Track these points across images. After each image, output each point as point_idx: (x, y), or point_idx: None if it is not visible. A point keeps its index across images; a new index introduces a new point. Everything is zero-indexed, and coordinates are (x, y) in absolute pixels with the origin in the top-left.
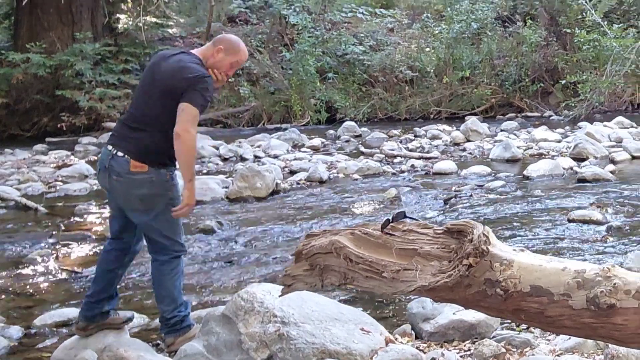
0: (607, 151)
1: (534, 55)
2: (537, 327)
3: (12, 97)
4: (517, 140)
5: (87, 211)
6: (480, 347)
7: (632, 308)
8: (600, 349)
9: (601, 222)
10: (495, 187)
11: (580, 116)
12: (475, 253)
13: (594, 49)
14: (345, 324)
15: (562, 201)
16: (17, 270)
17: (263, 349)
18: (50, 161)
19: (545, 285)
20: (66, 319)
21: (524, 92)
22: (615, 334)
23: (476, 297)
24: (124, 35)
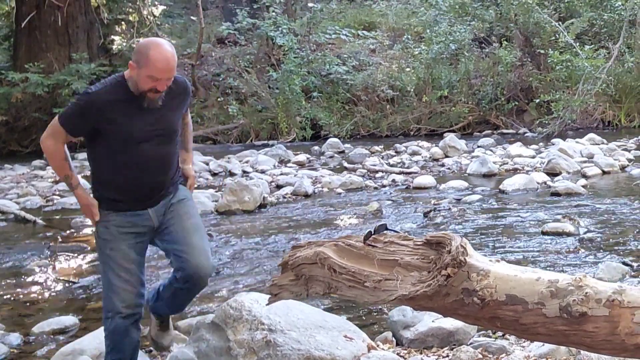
0: (579, 166)
1: (509, 75)
2: (513, 334)
3: (11, 115)
4: (493, 156)
5: (83, 224)
6: (458, 354)
7: (602, 316)
8: (572, 355)
9: (573, 234)
10: (473, 200)
11: (553, 133)
12: (453, 264)
13: (567, 69)
14: (330, 331)
15: (536, 214)
16: (16, 280)
17: (251, 355)
18: (48, 176)
19: (520, 294)
20: (63, 326)
21: (499, 110)
22: (587, 341)
23: (454, 305)
24: (118, 55)
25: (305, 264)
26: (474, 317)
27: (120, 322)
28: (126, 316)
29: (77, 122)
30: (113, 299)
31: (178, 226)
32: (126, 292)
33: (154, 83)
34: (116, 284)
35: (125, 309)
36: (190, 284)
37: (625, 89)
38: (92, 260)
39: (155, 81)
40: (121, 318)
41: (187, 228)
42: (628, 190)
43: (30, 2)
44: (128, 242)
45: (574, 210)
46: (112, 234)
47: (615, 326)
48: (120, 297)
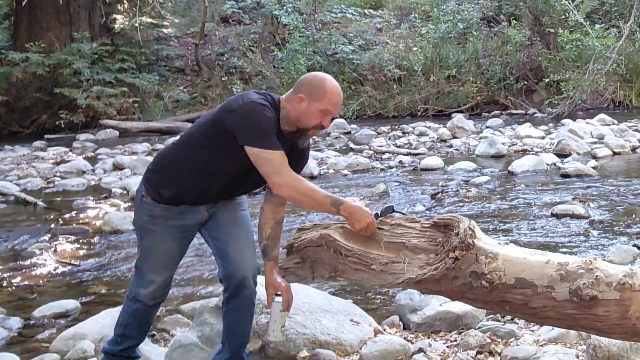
0: (589, 147)
1: (518, 54)
2: (522, 318)
3: (11, 95)
4: (502, 137)
5: (85, 206)
6: (466, 338)
7: (613, 300)
8: (582, 339)
9: (584, 216)
10: (481, 182)
11: (563, 113)
12: (461, 246)
13: (577, 48)
14: (335, 315)
15: (545, 196)
16: (17, 263)
17: (255, 339)
18: (49, 157)
19: (529, 277)
20: (64, 310)
21: (508, 90)
22: (597, 325)
23: (462, 289)
24: (121, 35)
25: (311, 247)
26: (483, 300)
27: (143, 308)
28: (151, 306)
29: (270, 130)
30: (141, 289)
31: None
32: (157, 287)
33: (323, 118)
34: (149, 277)
35: (151, 301)
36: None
37: (637, 69)
38: (93, 243)
39: (325, 116)
40: (144, 305)
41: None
42: (639, 171)
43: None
44: (173, 235)
45: (584, 192)
46: (160, 226)
47: (626, 310)
48: (150, 290)
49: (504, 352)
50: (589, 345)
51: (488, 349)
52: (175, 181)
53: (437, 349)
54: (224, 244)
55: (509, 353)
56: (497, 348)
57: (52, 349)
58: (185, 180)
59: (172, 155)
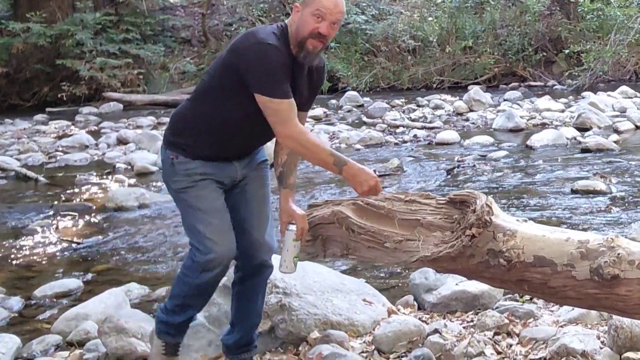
0: (610, 121)
1: (537, 24)
2: (541, 298)
3: (12, 67)
4: (520, 110)
5: (88, 181)
6: (483, 318)
7: (636, 279)
8: (604, 319)
9: (605, 192)
10: (498, 157)
11: (583, 86)
12: (478, 223)
13: (598, 18)
14: (347, 294)
15: (565, 171)
16: (17, 241)
17: (265, 319)
18: (51, 131)
19: (548, 255)
20: (66, 289)
21: (527, 62)
22: (619, 305)
23: (479, 267)
24: (125, 4)
25: (322, 224)
26: (500, 279)
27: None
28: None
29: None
30: (207, 250)
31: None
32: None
33: (318, 24)
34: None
35: (223, 259)
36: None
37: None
38: (97, 220)
39: (319, 20)
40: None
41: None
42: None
43: None
44: (214, 186)
45: (606, 167)
46: (196, 181)
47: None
48: (217, 245)
49: (522, 333)
50: (610, 326)
51: (506, 330)
52: (202, 136)
53: (453, 329)
54: (247, 222)
55: (528, 334)
56: (515, 329)
57: (53, 329)
58: (211, 132)
59: (191, 111)
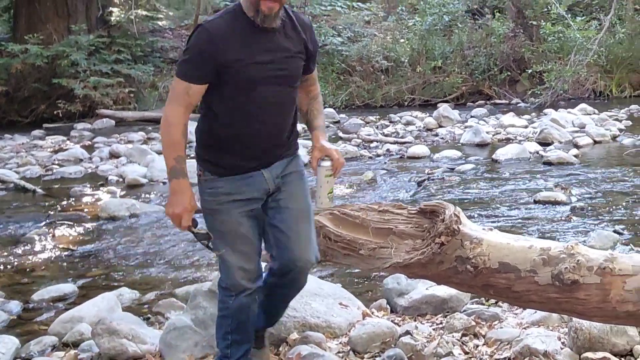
0: (570, 136)
1: (502, 46)
2: (505, 302)
3: (11, 86)
4: (486, 126)
5: (82, 193)
6: (452, 321)
7: (594, 284)
8: (564, 322)
9: (565, 202)
10: (466, 170)
11: (545, 103)
12: (447, 232)
13: (559, 40)
14: (325, 298)
15: (528, 183)
16: (16, 249)
17: None
18: (47, 146)
19: (512, 262)
20: (62, 294)
21: (492, 81)
22: (579, 308)
23: (448, 273)
24: (117, 27)
25: None
26: (468, 284)
27: (245, 299)
28: (252, 292)
29: (196, 62)
30: (235, 277)
31: (289, 204)
32: (247, 265)
33: None
34: (234, 260)
35: (250, 284)
36: (287, 277)
37: (617, 60)
38: (90, 229)
39: None
40: (246, 296)
41: (297, 210)
42: (619, 159)
43: None
44: (239, 210)
45: (566, 179)
46: (221, 203)
47: (606, 294)
48: (242, 273)
49: (488, 335)
50: (570, 328)
51: (473, 332)
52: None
53: (423, 331)
54: (284, 237)
55: (493, 335)
56: (482, 330)
57: (50, 331)
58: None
59: (203, 122)
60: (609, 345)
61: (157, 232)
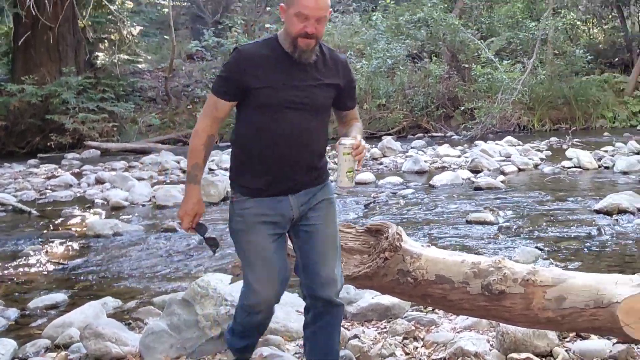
0: (498, 164)
1: (438, 86)
2: (441, 309)
3: (10, 121)
4: (425, 156)
5: (71, 214)
6: (394, 326)
7: (518, 293)
8: (492, 327)
9: (493, 222)
10: (407, 194)
11: (476, 136)
12: (390, 248)
13: (488, 81)
14: (284, 306)
15: (461, 206)
16: (14, 263)
17: (216, 327)
18: (41, 173)
19: (447, 274)
20: (54, 302)
21: (430, 116)
22: (505, 315)
23: (391, 284)
24: (102, 69)
25: None
26: (408, 294)
27: (257, 317)
28: (266, 313)
29: (226, 80)
30: (251, 296)
31: (319, 230)
32: (266, 290)
33: (303, 23)
34: (254, 282)
35: (264, 306)
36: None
37: (538, 98)
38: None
39: (304, 20)
40: (258, 314)
41: (325, 236)
42: (540, 185)
43: (26, 23)
44: (266, 232)
45: (494, 202)
46: (248, 224)
47: (529, 302)
48: (259, 294)
49: (426, 338)
50: (498, 332)
51: (413, 335)
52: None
53: (369, 335)
54: (312, 263)
55: (431, 338)
56: (420, 334)
57: (44, 335)
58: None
59: (234, 146)
60: (531, 347)
61: (137, 249)
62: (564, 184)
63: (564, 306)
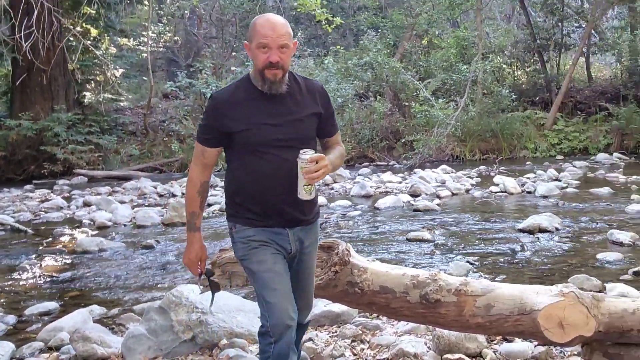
0: (434, 189)
1: (382, 121)
2: (385, 316)
3: (8, 151)
4: (370, 182)
5: (62, 233)
6: (344, 330)
7: (452, 302)
8: (429, 331)
9: (430, 240)
10: (354, 215)
11: (415, 164)
12: (340, 262)
13: (425, 117)
14: (247, 313)
15: (402, 225)
16: (12, 275)
17: (188, 331)
18: (36, 197)
19: (390, 285)
20: (47, 310)
21: (375, 148)
22: (440, 321)
23: (341, 294)
24: (89, 107)
25: (229, 263)
26: (356, 303)
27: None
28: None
29: (207, 128)
30: (276, 315)
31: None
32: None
33: (266, 54)
34: (274, 299)
35: (291, 321)
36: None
37: (469, 132)
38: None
39: (266, 51)
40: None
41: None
42: (471, 207)
43: (23, 67)
44: (272, 251)
45: (431, 222)
46: (254, 247)
47: (461, 310)
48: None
49: (371, 340)
50: (434, 336)
51: (360, 338)
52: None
53: (322, 338)
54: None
55: (375, 341)
56: (367, 337)
57: (38, 338)
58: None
59: (226, 179)
60: (463, 348)
61: (120, 263)
62: (492, 207)
63: (492, 313)
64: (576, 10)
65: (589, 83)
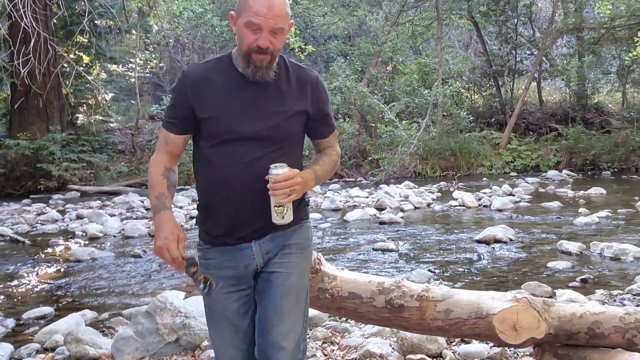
0: (398, 203)
1: (350, 140)
2: (353, 320)
3: (7, 168)
4: (339, 197)
5: (57, 243)
6: (315, 332)
7: (414, 307)
8: (394, 333)
9: (395, 250)
10: (325, 227)
11: (381, 181)
12: (312, 271)
13: (390, 137)
14: None
15: (368, 236)
16: (11, 282)
17: (172, 333)
18: (33, 210)
19: (358, 292)
20: (43, 314)
21: (344, 165)
22: (404, 324)
23: (312, 300)
24: (82, 128)
25: None
26: (327, 307)
27: None
28: None
29: (174, 109)
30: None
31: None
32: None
33: (255, 35)
34: (218, 343)
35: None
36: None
37: (430, 150)
38: (63, 269)
39: (255, 32)
40: None
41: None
42: (432, 220)
43: (21, 91)
44: (229, 289)
45: (395, 234)
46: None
47: (423, 314)
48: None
49: (340, 342)
50: (398, 337)
51: (330, 340)
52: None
53: None
54: (266, 319)
55: (344, 342)
56: (336, 339)
57: (35, 340)
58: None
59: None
60: (425, 349)
61: (110, 271)
62: (451, 219)
63: (451, 317)
64: (528, 39)
65: (540, 106)
